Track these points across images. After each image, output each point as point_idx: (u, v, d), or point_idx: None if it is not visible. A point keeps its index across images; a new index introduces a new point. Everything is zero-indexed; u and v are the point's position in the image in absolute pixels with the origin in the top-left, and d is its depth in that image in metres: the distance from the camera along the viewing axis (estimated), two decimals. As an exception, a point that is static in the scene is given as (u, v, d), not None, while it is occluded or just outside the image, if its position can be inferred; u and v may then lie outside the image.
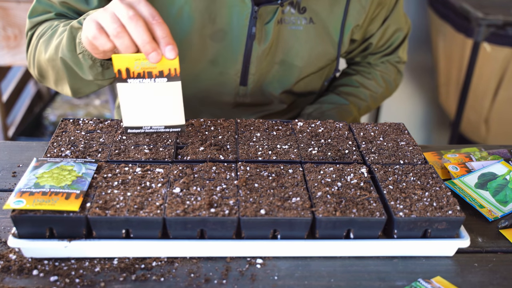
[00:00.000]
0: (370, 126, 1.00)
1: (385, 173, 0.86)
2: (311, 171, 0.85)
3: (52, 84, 1.07)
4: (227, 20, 1.05)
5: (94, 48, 0.84)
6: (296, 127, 0.98)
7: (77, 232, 0.75)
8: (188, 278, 0.74)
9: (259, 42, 1.06)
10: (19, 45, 1.97)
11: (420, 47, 2.63)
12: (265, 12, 1.04)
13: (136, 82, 0.85)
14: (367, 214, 0.76)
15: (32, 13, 1.07)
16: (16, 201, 0.74)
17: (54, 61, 0.99)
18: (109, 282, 0.72)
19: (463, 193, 0.92)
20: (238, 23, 1.04)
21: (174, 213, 0.74)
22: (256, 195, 0.78)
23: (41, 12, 1.06)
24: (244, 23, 1.04)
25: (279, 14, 1.05)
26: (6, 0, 1.90)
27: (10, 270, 0.74)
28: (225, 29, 1.05)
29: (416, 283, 0.74)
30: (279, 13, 1.05)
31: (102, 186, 0.79)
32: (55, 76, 1.03)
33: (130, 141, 0.91)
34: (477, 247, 0.82)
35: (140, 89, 0.86)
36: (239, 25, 1.04)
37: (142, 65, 0.84)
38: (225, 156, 0.88)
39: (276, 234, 0.77)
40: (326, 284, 0.74)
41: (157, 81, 0.85)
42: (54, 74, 1.03)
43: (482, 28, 2.00)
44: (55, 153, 0.88)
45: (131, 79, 0.85)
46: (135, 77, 0.85)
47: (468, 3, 2.09)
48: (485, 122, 2.27)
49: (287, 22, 1.07)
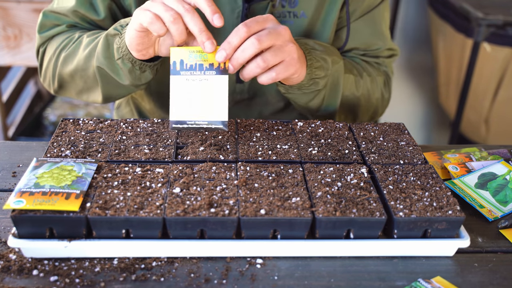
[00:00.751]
0: (370, 126, 1.00)
1: (385, 173, 0.86)
2: (311, 171, 0.85)
3: (73, 94, 1.11)
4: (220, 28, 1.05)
5: (142, 41, 0.89)
6: (296, 127, 0.98)
7: (77, 232, 0.75)
8: (188, 278, 0.74)
9: None
10: (19, 45, 1.97)
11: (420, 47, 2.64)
12: (256, 9, 1.04)
13: (188, 74, 0.88)
14: (367, 214, 0.76)
15: (42, 28, 1.10)
16: (16, 201, 0.74)
17: (83, 71, 1.03)
18: (109, 282, 0.72)
19: (463, 193, 0.92)
20: (230, 21, 1.04)
21: (174, 213, 0.74)
22: (256, 195, 0.79)
23: (51, 26, 1.09)
24: (236, 21, 1.04)
25: (270, 9, 1.05)
26: (6, 0, 1.90)
27: (10, 270, 0.74)
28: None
29: (416, 283, 0.74)
30: (270, 9, 1.05)
31: (102, 186, 0.79)
32: (82, 86, 1.07)
33: (130, 141, 0.91)
34: (477, 247, 0.82)
35: (190, 81, 0.88)
36: (231, 24, 1.05)
37: (195, 57, 0.87)
38: (225, 156, 0.88)
39: (276, 234, 0.77)
40: (326, 284, 0.74)
41: (206, 74, 0.88)
42: (81, 83, 1.07)
43: (482, 28, 2.00)
44: (55, 153, 0.88)
45: (184, 71, 0.88)
46: (187, 69, 0.88)
47: (468, 3, 2.09)
48: (485, 122, 2.27)
49: (279, 17, 1.07)
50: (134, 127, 0.96)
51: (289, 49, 0.88)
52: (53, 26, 1.09)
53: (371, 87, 1.16)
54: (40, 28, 1.10)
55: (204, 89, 0.88)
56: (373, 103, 1.18)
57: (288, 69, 0.89)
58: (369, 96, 1.16)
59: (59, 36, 1.08)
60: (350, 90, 1.12)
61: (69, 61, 1.05)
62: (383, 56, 1.19)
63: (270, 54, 0.86)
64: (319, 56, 1.01)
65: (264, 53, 0.86)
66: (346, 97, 1.12)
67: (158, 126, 0.96)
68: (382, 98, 1.20)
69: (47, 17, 1.08)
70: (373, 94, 1.17)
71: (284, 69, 0.89)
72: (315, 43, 1.04)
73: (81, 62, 1.03)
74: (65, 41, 1.06)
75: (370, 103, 1.18)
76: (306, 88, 1.02)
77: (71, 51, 1.05)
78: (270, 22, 0.88)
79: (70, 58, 1.05)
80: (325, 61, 1.02)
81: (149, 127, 0.96)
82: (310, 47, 1.01)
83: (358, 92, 1.13)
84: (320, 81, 1.02)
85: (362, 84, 1.13)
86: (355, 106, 1.16)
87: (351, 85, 1.11)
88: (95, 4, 1.05)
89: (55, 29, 1.09)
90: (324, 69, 1.01)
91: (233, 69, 0.87)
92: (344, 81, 1.08)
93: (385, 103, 1.22)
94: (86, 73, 1.04)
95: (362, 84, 1.13)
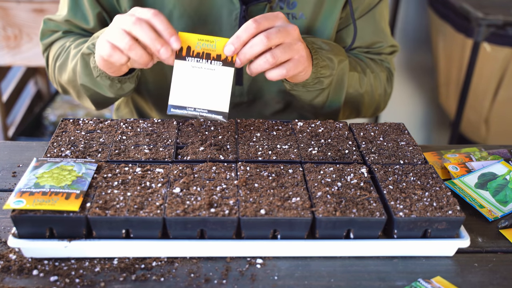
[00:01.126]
0: (370, 126, 1.00)
1: (385, 173, 0.86)
2: (311, 171, 0.85)
3: (75, 98, 1.15)
4: (217, 22, 1.05)
5: (110, 66, 0.91)
6: (296, 127, 0.98)
7: (77, 232, 0.75)
8: (188, 278, 0.74)
9: None
10: (19, 45, 1.97)
11: (420, 47, 2.63)
12: (254, 11, 1.04)
13: (194, 61, 0.88)
14: (367, 214, 0.76)
15: (43, 36, 1.15)
16: (16, 201, 0.74)
17: (73, 81, 1.07)
18: (109, 282, 0.72)
19: (463, 193, 0.92)
20: (228, 23, 1.05)
21: (174, 213, 0.74)
22: (256, 195, 0.79)
23: (50, 34, 1.14)
24: (234, 23, 1.04)
25: (268, 11, 1.05)
26: (6, 0, 1.90)
27: (10, 270, 0.74)
28: (215, 30, 1.06)
29: (416, 283, 0.74)
30: (268, 10, 1.05)
31: (102, 186, 0.79)
32: (76, 94, 1.11)
33: (130, 141, 0.91)
34: (477, 247, 0.82)
35: (195, 69, 0.89)
36: (229, 26, 1.05)
37: (203, 46, 0.88)
38: (225, 156, 0.88)
39: (276, 234, 0.77)
40: (326, 284, 0.74)
41: (212, 64, 0.88)
42: (75, 92, 1.11)
43: (482, 28, 2.00)
44: (55, 153, 0.88)
45: (190, 58, 0.88)
46: (193, 56, 0.88)
47: (468, 3, 2.09)
48: (485, 122, 2.27)
49: None
50: (134, 127, 0.96)
51: (298, 47, 0.89)
52: (52, 33, 1.14)
53: (374, 83, 1.17)
54: (42, 35, 1.15)
55: (209, 78, 0.89)
56: (376, 99, 1.19)
57: (298, 67, 0.90)
58: (372, 92, 1.17)
59: (56, 43, 1.13)
60: (354, 88, 1.12)
61: (62, 71, 1.09)
62: (385, 53, 1.20)
63: (280, 51, 0.87)
64: (325, 56, 1.01)
65: (274, 49, 0.87)
66: (350, 94, 1.13)
67: (158, 126, 0.96)
68: (385, 94, 1.22)
69: (46, 25, 1.13)
70: (376, 90, 1.18)
71: (294, 67, 0.90)
72: (323, 42, 1.04)
73: (70, 74, 1.06)
74: (59, 50, 1.10)
75: (373, 99, 1.19)
76: (311, 86, 1.02)
77: (63, 61, 1.08)
78: (280, 20, 0.89)
79: (63, 68, 1.09)
80: (331, 61, 1.02)
81: (149, 127, 0.96)
82: (317, 46, 1.01)
83: (362, 89, 1.14)
84: (325, 80, 1.02)
85: (366, 81, 1.14)
86: (359, 103, 1.17)
87: (355, 83, 1.12)
88: (85, 13, 1.08)
89: (54, 36, 1.13)
90: (330, 68, 1.02)
91: (240, 63, 0.88)
92: (348, 78, 1.09)
93: (387, 97, 1.24)
94: (76, 84, 1.07)
95: (366, 81, 1.14)
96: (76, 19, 1.08)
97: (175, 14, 1.04)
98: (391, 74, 1.23)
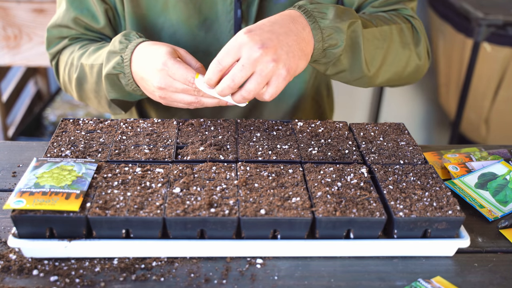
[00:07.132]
0: (370, 126, 1.00)
1: (385, 173, 0.86)
2: (311, 171, 0.85)
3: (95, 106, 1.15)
4: (212, 8, 1.05)
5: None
6: (296, 127, 0.98)
7: (77, 232, 0.75)
8: (188, 278, 0.74)
9: (246, 24, 1.06)
10: (19, 45, 1.97)
11: (420, 47, 2.63)
12: None
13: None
14: (367, 214, 0.76)
15: (49, 45, 1.13)
16: (16, 201, 0.74)
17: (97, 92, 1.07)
18: (109, 282, 0.72)
19: (463, 193, 0.92)
20: (223, 9, 1.04)
21: (174, 213, 0.74)
22: (256, 195, 0.79)
23: (56, 42, 1.11)
24: (229, 8, 1.04)
25: None
26: (6, 0, 1.90)
27: (10, 270, 0.74)
28: (211, 17, 1.05)
29: (416, 283, 0.74)
30: None
31: (102, 186, 0.79)
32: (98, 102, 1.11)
33: (130, 141, 0.91)
34: (477, 247, 0.82)
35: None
36: (225, 11, 1.05)
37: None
38: (225, 156, 0.88)
39: (276, 234, 0.77)
40: (326, 284, 0.74)
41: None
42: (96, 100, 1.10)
43: (482, 28, 2.00)
44: (55, 153, 0.88)
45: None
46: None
47: (468, 3, 2.09)
48: (485, 122, 2.27)
49: None
50: (134, 127, 0.96)
51: (272, 69, 0.82)
52: (58, 41, 1.11)
53: (400, 34, 1.05)
54: (48, 44, 1.12)
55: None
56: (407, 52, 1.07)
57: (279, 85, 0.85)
58: (402, 43, 1.05)
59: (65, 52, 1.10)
60: (376, 45, 1.01)
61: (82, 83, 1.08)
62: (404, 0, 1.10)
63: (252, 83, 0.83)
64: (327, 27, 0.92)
65: (248, 82, 0.83)
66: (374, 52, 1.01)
67: (158, 126, 0.96)
68: (417, 44, 1.08)
69: (50, 33, 1.11)
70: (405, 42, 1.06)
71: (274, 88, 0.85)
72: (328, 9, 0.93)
73: (93, 86, 1.06)
74: (70, 59, 1.08)
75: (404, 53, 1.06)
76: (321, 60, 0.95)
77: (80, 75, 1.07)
78: (243, 48, 0.82)
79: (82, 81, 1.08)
80: (337, 30, 0.93)
81: (149, 127, 0.96)
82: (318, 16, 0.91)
83: (385, 43, 1.03)
84: (333, 50, 0.94)
85: (387, 33, 1.03)
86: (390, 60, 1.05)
87: (374, 38, 1.01)
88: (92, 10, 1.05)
89: (61, 44, 1.11)
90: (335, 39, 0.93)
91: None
92: (364, 37, 0.98)
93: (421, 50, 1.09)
94: (98, 94, 1.07)
95: (388, 32, 1.03)
96: (83, 16, 1.06)
97: (170, 2, 1.03)
98: (416, 22, 1.10)
